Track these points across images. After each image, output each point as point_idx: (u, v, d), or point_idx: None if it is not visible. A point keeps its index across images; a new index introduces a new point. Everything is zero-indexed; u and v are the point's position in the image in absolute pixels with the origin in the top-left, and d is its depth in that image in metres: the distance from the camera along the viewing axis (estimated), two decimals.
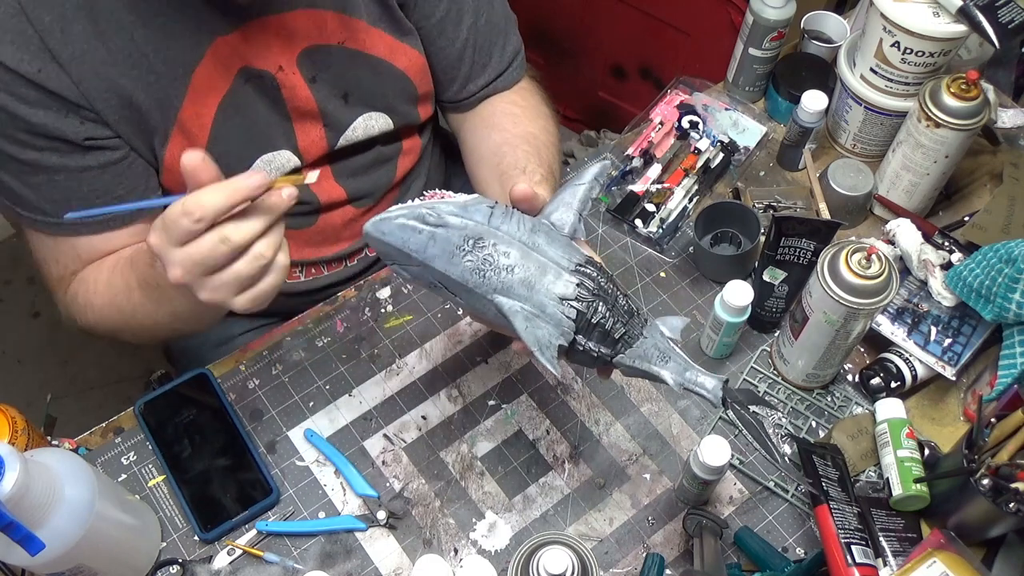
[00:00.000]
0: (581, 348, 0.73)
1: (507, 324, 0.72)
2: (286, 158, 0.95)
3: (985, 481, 0.82)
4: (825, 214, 1.11)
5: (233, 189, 0.64)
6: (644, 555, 0.88)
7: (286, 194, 0.67)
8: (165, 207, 0.66)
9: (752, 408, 0.77)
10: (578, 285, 0.71)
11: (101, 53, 0.79)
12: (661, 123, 1.18)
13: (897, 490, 0.88)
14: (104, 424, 0.97)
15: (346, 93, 0.96)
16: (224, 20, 0.83)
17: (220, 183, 0.65)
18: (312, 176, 0.70)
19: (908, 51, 1.03)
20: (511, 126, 1.01)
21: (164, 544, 0.90)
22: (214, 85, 0.86)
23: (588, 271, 0.72)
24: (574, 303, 0.71)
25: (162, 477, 0.93)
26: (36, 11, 0.76)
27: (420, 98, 1.02)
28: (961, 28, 1.00)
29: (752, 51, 1.19)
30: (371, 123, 0.99)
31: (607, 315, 0.72)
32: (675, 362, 0.75)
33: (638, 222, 1.10)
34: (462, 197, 0.73)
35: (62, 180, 0.83)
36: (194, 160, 0.64)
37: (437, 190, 0.74)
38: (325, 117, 0.95)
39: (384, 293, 1.06)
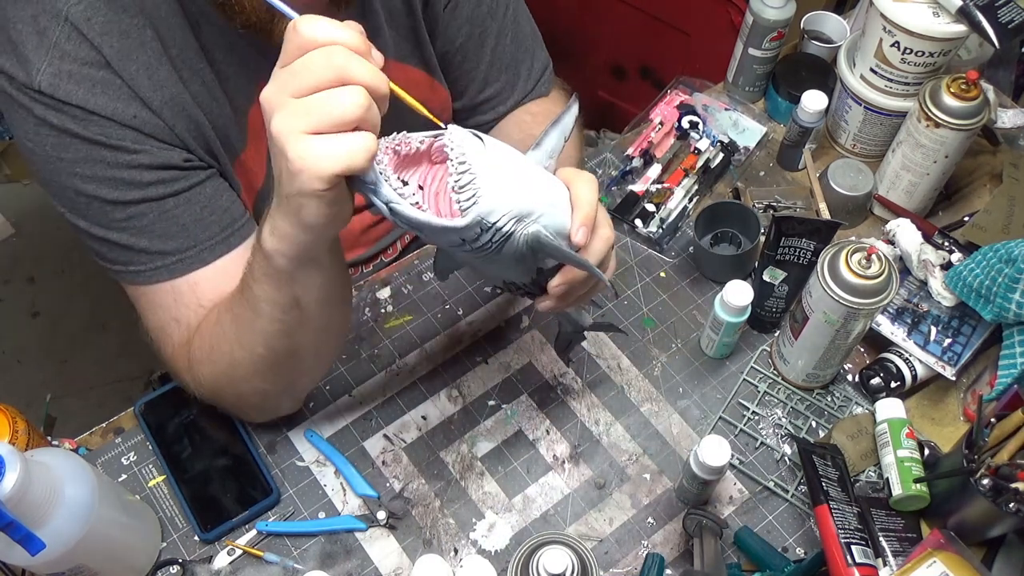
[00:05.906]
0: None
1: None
2: None
3: (985, 481, 0.82)
4: (825, 214, 1.11)
5: (357, 31, 0.58)
6: (644, 555, 0.88)
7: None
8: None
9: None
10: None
11: (186, 97, 0.80)
12: (661, 123, 1.18)
13: (897, 490, 0.88)
14: (104, 424, 0.97)
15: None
16: (266, 61, 0.83)
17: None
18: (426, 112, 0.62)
19: (908, 51, 1.03)
20: (535, 127, 1.01)
21: (164, 544, 0.90)
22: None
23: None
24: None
25: (162, 477, 0.93)
26: (121, 62, 0.76)
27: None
28: (961, 28, 1.00)
29: (752, 51, 1.19)
30: None
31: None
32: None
33: (638, 222, 1.10)
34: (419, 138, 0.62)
35: (172, 207, 0.81)
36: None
37: (397, 134, 0.62)
38: None
39: (384, 293, 1.06)
